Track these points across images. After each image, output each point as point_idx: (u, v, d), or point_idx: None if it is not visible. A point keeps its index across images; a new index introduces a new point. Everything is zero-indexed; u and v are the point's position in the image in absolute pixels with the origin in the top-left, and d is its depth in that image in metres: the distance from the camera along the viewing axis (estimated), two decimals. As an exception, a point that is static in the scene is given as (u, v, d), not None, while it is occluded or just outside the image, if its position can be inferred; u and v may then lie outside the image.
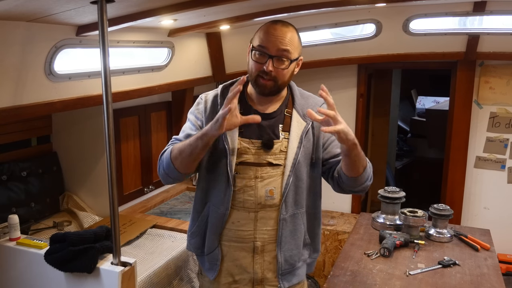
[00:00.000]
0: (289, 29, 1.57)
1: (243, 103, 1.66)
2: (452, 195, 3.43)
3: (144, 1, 1.58)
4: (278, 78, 1.57)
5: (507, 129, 3.27)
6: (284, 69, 1.56)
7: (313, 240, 1.77)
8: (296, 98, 1.69)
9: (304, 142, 1.63)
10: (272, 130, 1.64)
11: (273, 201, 1.63)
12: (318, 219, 1.79)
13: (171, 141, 1.70)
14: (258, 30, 1.60)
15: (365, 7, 2.83)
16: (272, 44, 1.53)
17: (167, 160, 1.60)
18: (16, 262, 1.81)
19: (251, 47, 1.59)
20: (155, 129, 3.14)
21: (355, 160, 1.54)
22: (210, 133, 1.47)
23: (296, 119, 1.65)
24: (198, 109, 1.69)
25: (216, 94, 1.68)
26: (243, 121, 1.50)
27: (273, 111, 1.66)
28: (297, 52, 1.61)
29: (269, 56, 1.53)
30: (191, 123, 1.69)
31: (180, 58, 2.73)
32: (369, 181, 1.65)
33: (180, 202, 3.10)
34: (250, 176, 1.61)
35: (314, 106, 1.66)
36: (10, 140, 2.41)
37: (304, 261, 1.76)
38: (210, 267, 1.71)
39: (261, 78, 1.56)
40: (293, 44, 1.57)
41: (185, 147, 1.54)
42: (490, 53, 3.07)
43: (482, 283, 1.93)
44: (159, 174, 1.68)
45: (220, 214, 1.64)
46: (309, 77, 3.48)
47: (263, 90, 1.59)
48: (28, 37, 1.69)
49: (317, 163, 1.69)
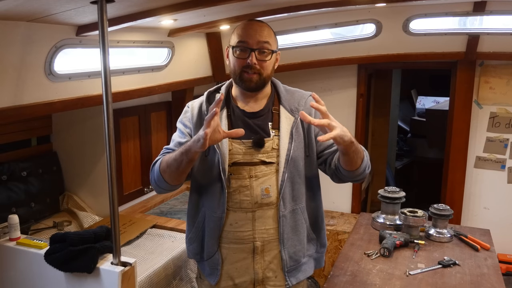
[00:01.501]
0: (264, 25, 1.63)
1: (229, 105, 1.68)
2: (452, 195, 3.43)
3: (144, 1, 1.58)
4: (262, 71, 1.59)
5: (507, 129, 3.27)
6: (267, 61, 1.59)
7: (318, 235, 1.77)
8: (281, 94, 1.70)
9: (295, 137, 1.63)
10: (262, 128, 1.65)
11: (270, 199, 1.63)
12: (321, 213, 1.78)
13: (162, 151, 1.72)
14: (234, 30, 1.64)
15: (365, 7, 2.83)
16: (252, 38, 1.57)
17: (157, 172, 1.63)
18: (16, 262, 1.81)
19: (230, 48, 1.64)
20: (155, 129, 3.14)
21: (353, 156, 1.54)
22: (193, 149, 1.47)
23: (284, 115, 1.66)
24: (186, 117, 1.72)
25: (202, 101, 1.71)
26: (226, 135, 1.50)
27: (260, 109, 1.67)
28: (275, 45, 1.65)
29: (251, 50, 1.57)
30: (180, 131, 1.72)
31: (180, 58, 2.73)
32: (367, 169, 1.65)
33: (180, 202, 3.10)
34: (245, 176, 1.62)
35: (300, 100, 1.69)
36: (10, 140, 2.41)
37: (311, 256, 1.76)
38: (211, 272, 1.70)
39: (245, 73, 1.59)
40: (271, 37, 1.61)
41: (172, 161, 1.56)
42: (490, 53, 3.07)
43: (482, 283, 1.93)
44: (152, 184, 1.70)
45: (217, 218, 1.64)
46: (309, 77, 3.49)
47: (249, 85, 1.61)
48: (28, 37, 1.69)
49: (312, 156, 1.69)
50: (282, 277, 1.68)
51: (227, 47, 1.66)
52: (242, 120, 1.65)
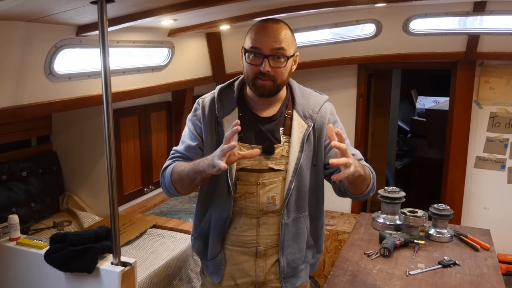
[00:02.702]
0: (280, 26, 1.51)
1: (242, 106, 1.62)
2: (452, 195, 3.43)
3: (144, 1, 1.58)
4: (276, 78, 1.51)
5: (507, 129, 3.27)
6: (281, 68, 1.50)
7: (316, 242, 1.75)
8: (296, 98, 1.63)
9: (305, 146, 1.58)
10: (273, 134, 1.59)
11: (275, 207, 1.61)
12: (322, 221, 1.76)
13: (171, 153, 1.67)
14: (249, 31, 1.54)
15: (365, 7, 2.83)
16: (265, 44, 1.47)
17: (168, 181, 1.59)
18: (16, 262, 1.81)
19: (243, 50, 1.54)
20: (155, 129, 3.14)
21: (359, 184, 1.52)
22: (207, 171, 1.41)
23: (297, 121, 1.60)
24: (196, 115, 1.65)
25: (213, 97, 1.64)
26: (241, 157, 1.41)
27: (273, 114, 1.61)
28: (292, 48, 1.54)
29: (264, 56, 1.47)
30: (190, 132, 1.65)
31: (180, 58, 2.73)
32: (372, 192, 1.61)
33: (180, 202, 3.10)
34: (252, 182, 1.59)
35: (315, 106, 1.63)
36: (10, 140, 2.41)
37: (308, 262, 1.75)
38: (214, 271, 1.70)
39: (259, 79, 1.50)
40: (287, 41, 1.49)
41: (184, 176, 1.51)
42: (490, 53, 3.07)
43: (482, 283, 1.93)
44: (162, 189, 1.66)
45: (222, 220, 1.62)
46: (309, 77, 3.49)
47: (262, 91, 1.53)
48: (28, 37, 1.69)
49: (319, 166, 1.65)
50: (278, 282, 1.68)
51: (242, 47, 1.56)
52: (253, 124, 1.59)
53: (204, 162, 1.43)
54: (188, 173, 1.50)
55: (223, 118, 1.58)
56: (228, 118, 1.58)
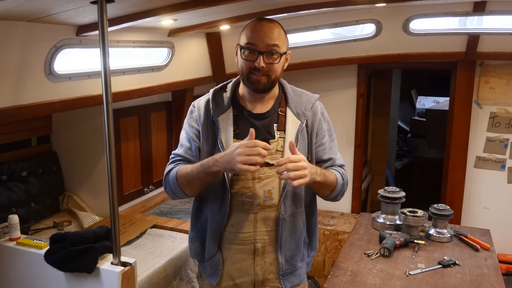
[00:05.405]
0: (274, 25, 1.59)
1: (235, 105, 1.67)
2: (452, 195, 3.43)
3: (144, 1, 1.58)
4: (270, 73, 1.57)
5: (507, 129, 3.27)
6: (275, 64, 1.57)
7: (311, 239, 1.78)
8: (289, 96, 1.69)
9: (300, 141, 1.64)
10: (267, 130, 1.64)
11: (272, 202, 1.63)
12: (315, 217, 1.80)
13: (171, 157, 1.71)
14: (244, 29, 1.61)
15: (365, 7, 2.83)
16: (261, 40, 1.54)
17: (174, 185, 1.62)
18: (16, 262, 1.81)
19: (238, 47, 1.61)
20: (155, 129, 3.14)
21: (319, 189, 1.64)
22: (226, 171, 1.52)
23: (291, 117, 1.65)
24: (193, 117, 1.70)
25: (208, 99, 1.69)
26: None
27: (266, 111, 1.66)
28: (285, 46, 1.61)
29: (259, 53, 1.54)
30: (188, 135, 1.70)
31: (180, 58, 2.73)
32: (340, 195, 1.71)
33: (180, 202, 3.10)
34: (248, 177, 1.61)
35: (307, 104, 1.69)
36: (10, 140, 2.41)
37: (303, 260, 1.76)
38: (212, 273, 1.70)
39: (253, 75, 1.57)
40: (280, 39, 1.57)
41: (194, 178, 1.56)
42: (490, 53, 3.07)
43: (482, 283, 1.93)
44: (167, 193, 1.70)
45: (219, 219, 1.63)
46: (309, 77, 3.49)
47: (257, 86, 1.59)
48: (28, 37, 1.69)
49: (312, 161, 1.69)
50: (277, 280, 1.69)
51: (236, 44, 1.63)
52: (247, 120, 1.64)
53: (219, 163, 1.48)
54: (198, 175, 1.54)
55: (218, 117, 1.64)
56: (223, 116, 1.64)
